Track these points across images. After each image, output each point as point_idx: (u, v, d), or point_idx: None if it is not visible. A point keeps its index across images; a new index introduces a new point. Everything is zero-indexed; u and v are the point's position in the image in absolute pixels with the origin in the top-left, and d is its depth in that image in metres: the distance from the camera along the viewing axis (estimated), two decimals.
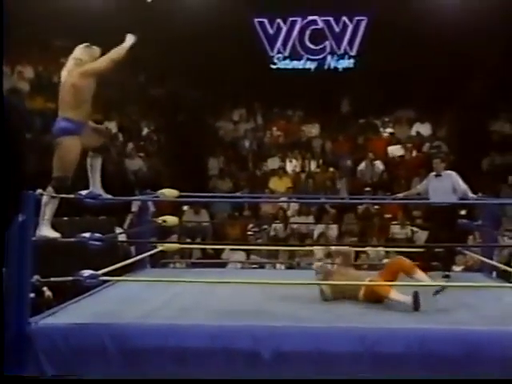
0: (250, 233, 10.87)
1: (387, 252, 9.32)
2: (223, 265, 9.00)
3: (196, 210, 11.30)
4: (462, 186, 6.76)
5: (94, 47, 4.80)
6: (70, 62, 4.73)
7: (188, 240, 9.88)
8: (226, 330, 4.11)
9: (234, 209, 11.73)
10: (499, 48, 13.72)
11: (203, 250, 10.00)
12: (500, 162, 12.79)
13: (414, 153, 13.62)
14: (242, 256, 9.74)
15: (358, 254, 8.39)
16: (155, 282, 5.29)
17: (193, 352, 3.98)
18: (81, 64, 4.68)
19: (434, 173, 6.92)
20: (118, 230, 8.59)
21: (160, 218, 6.20)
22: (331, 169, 13.24)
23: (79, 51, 4.75)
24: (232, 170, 13.42)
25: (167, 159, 13.28)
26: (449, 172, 6.91)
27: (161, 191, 5.91)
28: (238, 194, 11.29)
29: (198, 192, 6.63)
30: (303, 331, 4.10)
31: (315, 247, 8.13)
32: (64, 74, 4.75)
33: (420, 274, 4.97)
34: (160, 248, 6.49)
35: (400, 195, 7.40)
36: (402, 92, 14.36)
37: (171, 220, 6.20)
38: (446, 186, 6.76)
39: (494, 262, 6.56)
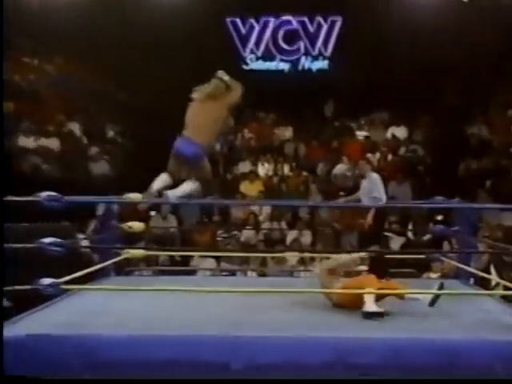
0: (219, 239, 10.87)
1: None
2: (192, 272, 8.94)
3: (164, 215, 11.22)
4: (376, 191, 6.86)
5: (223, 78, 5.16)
6: (203, 93, 5.01)
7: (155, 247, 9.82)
8: (194, 340, 4.07)
9: (203, 214, 11.69)
10: (476, 50, 13.89)
11: (171, 257, 9.94)
12: (477, 167, 12.96)
13: (390, 156, 13.69)
14: (211, 263, 9.71)
15: None
16: (120, 290, 5.21)
17: (159, 364, 3.94)
18: (215, 96, 5.05)
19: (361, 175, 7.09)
20: (81, 236, 8.47)
21: (126, 223, 6.12)
22: (304, 173, 13.26)
23: (216, 85, 5.09)
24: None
25: (133, 162, 13.18)
26: (371, 174, 7.03)
27: (127, 195, 5.83)
28: (208, 199, 11.23)
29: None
30: (275, 342, 4.09)
31: (288, 253, 8.15)
32: (202, 106, 5.03)
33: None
34: (125, 255, 6.40)
35: (341, 200, 7.50)
36: (377, 94, 14.46)
37: (137, 226, 6.13)
38: (366, 188, 6.89)
39: (471, 269, 6.59)
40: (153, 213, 11.38)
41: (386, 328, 4.49)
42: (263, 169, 13.67)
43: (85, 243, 7.62)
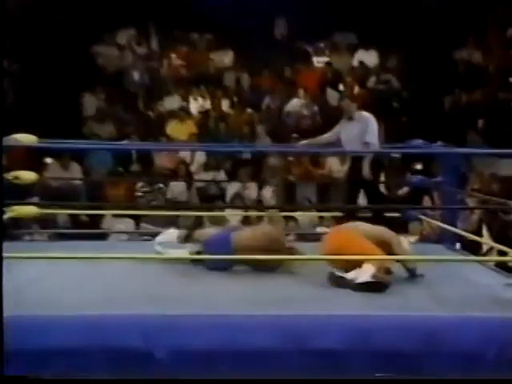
0: (139, 194, 10.80)
1: (321, 218, 9.44)
2: (103, 236, 8.93)
3: (64, 163, 11.07)
4: (373, 135, 6.91)
5: None
6: None
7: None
8: (106, 321, 4.08)
9: (117, 162, 11.55)
10: None
11: (74, 216, 9.85)
12: (466, 101, 13.05)
13: (356, 89, 13.76)
14: (129, 224, 9.71)
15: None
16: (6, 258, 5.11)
17: (62, 351, 3.95)
18: None
19: (346, 116, 7.08)
20: None
21: (11, 173, 5.97)
22: (249, 110, 13.22)
23: None
24: (115, 110, 13.21)
25: (24, 95, 12.91)
26: (363, 114, 7.06)
27: (13, 136, 5.67)
28: (123, 143, 11.12)
29: (67, 138, 6.52)
30: (210, 321, 4.12)
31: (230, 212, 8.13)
32: None
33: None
34: (10, 213, 6.25)
35: (303, 142, 7.49)
36: (341, 10, 14.41)
37: (26, 176, 5.98)
38: (356, 132, 6.91)
39: (457, 231, 6.68)
40: (49, 160, 11.20)
41: (349, 303, 4.53)
42: (196, 105, 13.54)
43: None
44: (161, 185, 10.96)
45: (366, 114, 7.16)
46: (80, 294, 4.64)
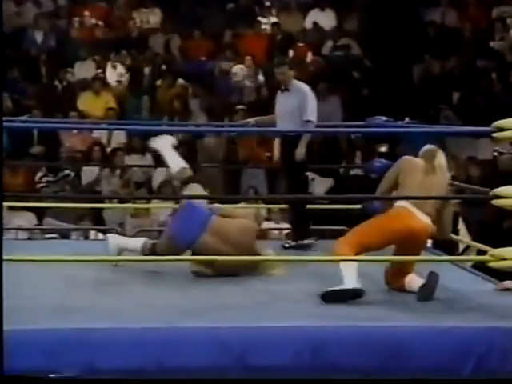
0: (42, 182, 10.71)
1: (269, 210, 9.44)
2: None
3: None
4: (312, 113, 6.93)
5: None
6: None
7: None
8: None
9: (14, 143, 11.34)
10: None
11: None
12: (439, 71, 13.17)
13: (310, 56, 13.81)
14: (29, 219, 9.61)
15: None
16: None
17: None
18: None
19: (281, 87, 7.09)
20: None
21: None
22: (181, 80, 13.19)
23: None
24: (13, 79, 12.96)
25: None
26: (302, 86, 7.07)
27: None
28: (22, 119, 10.95)
29: None
30: (129, 335, 4.16)
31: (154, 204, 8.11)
32: None
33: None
34: None
35: (251, 120, 7.45)
36: None
37: None
38: (293, 106, 6.91)
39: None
40: None
41: (300, 313, 4.58)
42: (115, 74, 13.36)
43: None
44: (68, 171, 10.81)
45: (304, 85, 7.14)
46: None
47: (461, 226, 8.71)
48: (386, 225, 5.11)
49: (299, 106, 6.87)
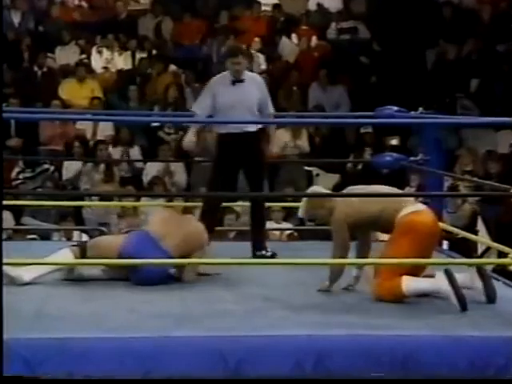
0: (19, 179, 10.81)
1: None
2: None
3: None
4: (270, 103, 6.95)
5: None
6: None
7: None
8: None
9: None
10: None
11: None
12: (455, 56, 13.14)
13: (314, 40, 13.83)
14: (6, 219, 9.46)
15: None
16: None
17: None
18: None
19: (230, 78, 7.07)
20: None
21: None
22: (173, 67, 13.20)
23: None
24: None
25: None
26: (255, 75, 7.08)
27: None
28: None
29: None
30: (113, 344, 4.20)
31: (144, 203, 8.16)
32: None
33: None
34: None
35: None
36: None
37: None
38: (251, 96, 6.88)
39: (444, 225, 6.71)
40: None
41: (294, 320, 4.61)
42: (101, 59, 13.43)
43: None
44: (48, 165, 10.84)
45: (257, 76, 7.18)
46: None
47: (480, 225, 8.70)
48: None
49: (259, 98, 6.86)
